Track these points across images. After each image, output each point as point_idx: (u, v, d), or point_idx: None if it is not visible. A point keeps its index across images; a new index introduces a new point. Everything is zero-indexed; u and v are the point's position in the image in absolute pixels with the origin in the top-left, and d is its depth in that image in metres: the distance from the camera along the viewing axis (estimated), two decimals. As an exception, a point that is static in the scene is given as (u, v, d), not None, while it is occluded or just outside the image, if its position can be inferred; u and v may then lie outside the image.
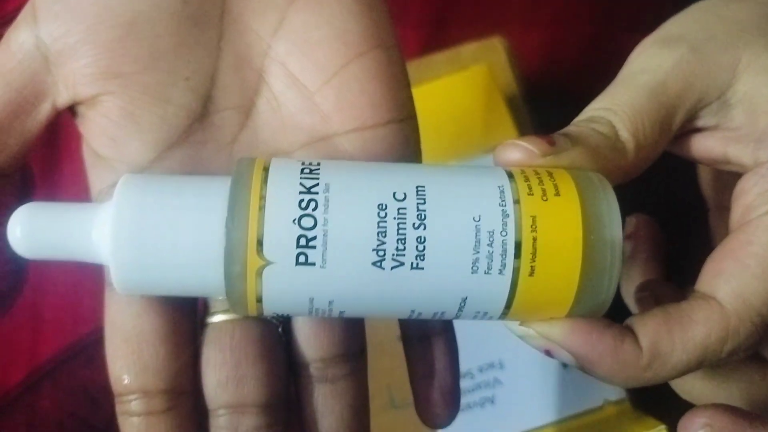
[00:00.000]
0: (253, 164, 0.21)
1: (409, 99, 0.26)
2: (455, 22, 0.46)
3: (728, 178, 0.26)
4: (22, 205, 0.22)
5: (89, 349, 0.41)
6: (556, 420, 0.35)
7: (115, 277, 0.21)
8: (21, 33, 0.23)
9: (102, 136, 0.23)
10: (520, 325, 0.23)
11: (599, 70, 0.45)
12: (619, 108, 0.24)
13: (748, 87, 0.24)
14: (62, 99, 0.23)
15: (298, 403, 0.26)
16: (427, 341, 0.26)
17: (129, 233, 0.21)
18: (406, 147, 0.25)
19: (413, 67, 0.42)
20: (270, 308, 0.21)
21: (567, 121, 0.44)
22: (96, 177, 0.24)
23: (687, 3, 0.26)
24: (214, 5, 0.24)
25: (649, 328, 0.23)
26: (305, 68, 0.24)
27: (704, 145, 0.26)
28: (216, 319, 0.25)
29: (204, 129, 0.24)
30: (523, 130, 0.40)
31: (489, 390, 0.35)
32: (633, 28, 0.45)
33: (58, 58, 0.23)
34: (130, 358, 0.23)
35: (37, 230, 0.21)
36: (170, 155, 0.24)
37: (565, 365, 0.35)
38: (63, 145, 0.41)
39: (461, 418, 0.35)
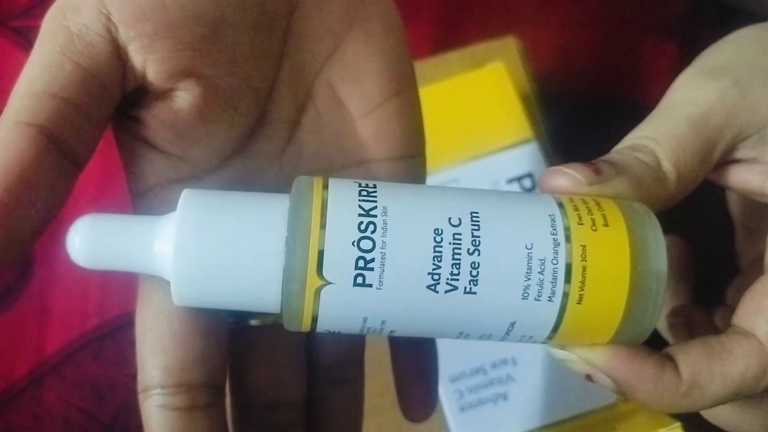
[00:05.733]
0: (312, 184, 0.22)
1: (423, 136, 0.27)
2: (468, 21, 0.46)
3: (762, 208, 0.27)
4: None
5: (95, 343, 0.41)
6: (569, 417, 0.35)
7: (176, 289, 0.21)
8: (84, 14, 0.21)
9: (169, 130, 0.23)
10: (562, 349, 0.23)
11: (611, 72, 0.46)
12: (662, 138, 0.24)
13: None
14: (130, 85, 0.22)
15: (311, 403, 0.26)
16: (416, 347, 0.28)
17: (192, 248, 0.21)
18: (421, 180, 0.27)
19: (427, 65, 0.42)
20: (324, 326, 0.22)
21: (579, 121, 0.44)
22: (150, 170, 0.23)
23: (696, 6, 0.27)
24: (281, 20, 0.24)
25: (690, 358, 0.23)
26: (352, 96, 0.26)
27: (742, 177, 0.26)
28: (258, 322, 0.26)
29: (257, 140, 0.25)
30: (537, 130, 0.40)
31: (502, 386, 0.35)
32: (644, 29, 0.46)
33: (131, 45, 0.22)
34: (173, 352, 0.23)
35: (98, 240, 0.21)
36: (230, 163, 0.24)
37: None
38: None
39: (474, 414, 0.35)
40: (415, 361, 0.28)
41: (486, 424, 0.35)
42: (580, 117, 0.42)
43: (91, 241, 0.21)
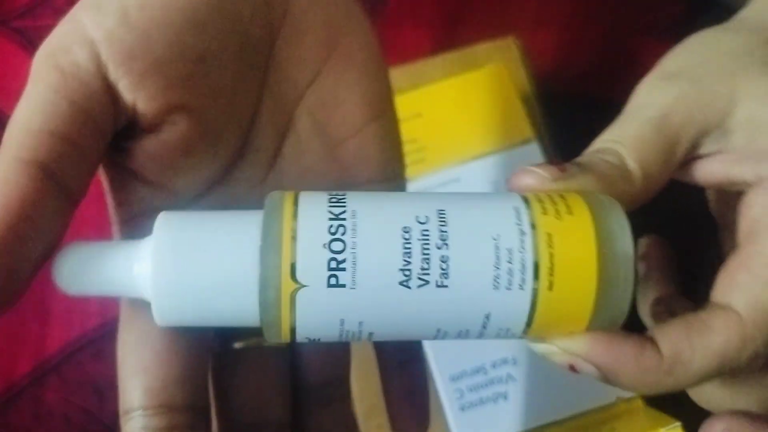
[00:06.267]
0: (283, 196, 0.22)
1: (403, 159, 0.28)
2: (468, 22, 0.46)
3: (733, 199, 0.28)
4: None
5: (96, 343, 0.41)
6: (569, 416, 0.35)
7: (156, 309, 0.22)
8: (75, 55, 0.22)
9: (155, 161, 0.23)
10: (542, 342, 0.24)
11: (611, 72, 0.46)
12: (625, 139, 0.25)
13: (746, 112, 0.26)
14: (120, 121, 0.23)
15: (300, 424, 0.27)
16: (405, 367, 0.29)
17: (168, 267, 0.21)
18: None
19: (428, 65, 0.42)
20: (303, 333, 0.22)
21: (579, 121, 0.44)
22: (134, 198, 0.24)
23: (695, 7, 0.27)
24: (262, 50, 0.25)
25: (669, 335, 0.24)
26: (331, 122, 0.26)
27: (708, 170, 0.27)
28: (241, 345, 0.26)
29: (239, 168, 0.25)
30: (537, 130, 0.40)
31: (502, 385, 0.35)
32: (644, 29, 0.46)
33: (121, 83, 0.22)
34: (154, 373, 0.23)
35: (81, 269, 0.22)
36: (212, 192, 0.25)
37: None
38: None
39: (475, 413, 0.35)
40: (404, 382, 0.29)
41: (486, 423, 0.35)
42: (580, 117, 0.42)
43: (74, 269, 0.22)
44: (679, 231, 0.26)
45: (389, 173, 0.27)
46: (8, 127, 0.21)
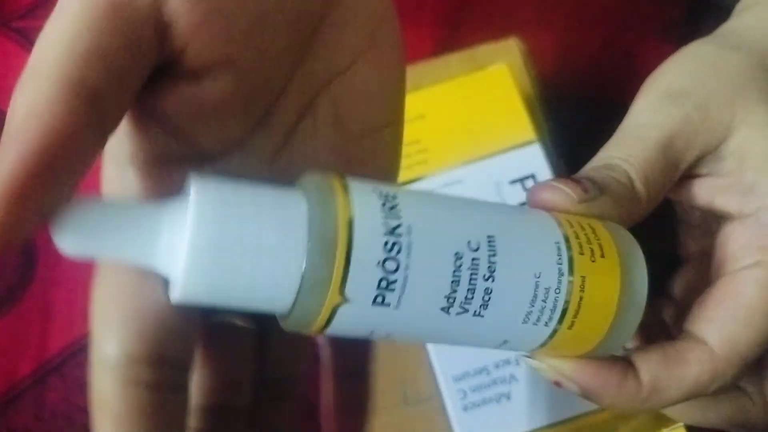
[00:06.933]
0: (332, 188, 0.21)
1: (398, 172, 0.28)
2: (470, 23, 0.46)
3: (705, 224, 0.30)
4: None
5: (98, 344, 0.41)
6: (572, 417, 0.35)
7: (183, 285, 0.19)
8: None
9: (186, 109, 0.22)
10: (534, 358, 0.25)
11: (613, 73, 0.46)
12: (633, 159, 0.26)
13: (739, 141, 0.27)
14: (162, 60, 0.21)
15: (252, 413, 0.26)
16: (357, 379, 0.28)
17: (209, 243, 0.19)
18: None
19: (430, 66, 0.42)
20: (328, 333, 0.21)
21: (581, 122, 0.44)
22: (155, 144, 0.22)
23: (695, 8, 0.27)
24: (312, 24, 0.24)
25: (649, 365, 0.26)
26: (352, 116, 0.26)
27: (694, 192, 0.29)
28: (242, 323, 0.25)
29: (255, 137, 0.24)
30: (540, 131, 0.40)
31: (505, 386, 0.35)
32: (645, 31, 0.46)
33: (176, 24, 0.20)
34: (151, 320, 0.21)
35: (89, 228, 0.19)
36: (227, 156, 0.23)
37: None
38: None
39: (478, 414, 0.35)
40: (355, 393, 0.28)
41: (489, 423, 0.35)
42: (582, 118, 0.43)
43: (81, 227, 0.19)
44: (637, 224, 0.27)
45: (388, 180, 0.27)
46: (45, 40, 0.19)
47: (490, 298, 0.21)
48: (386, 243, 0.20)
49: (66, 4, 0.19)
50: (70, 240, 0.19)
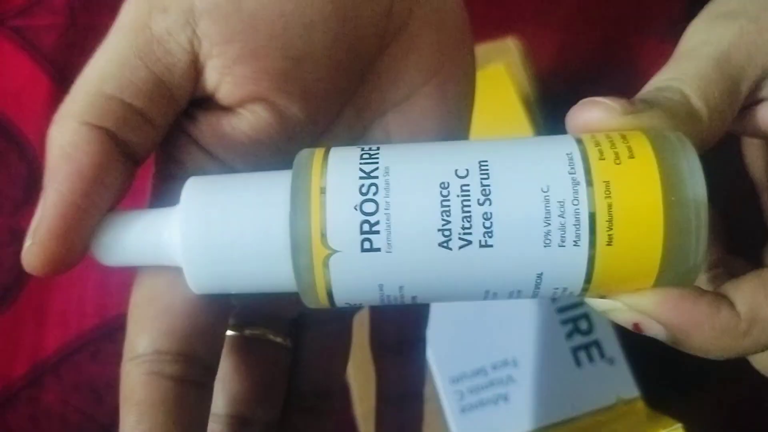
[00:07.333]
0: (312, 154, 0.21)
1: None
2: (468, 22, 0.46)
3: None
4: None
5: (94, 344, 0.41)
6: (569, 417, 0.35)
7: (188, 275, 0.21)
8: (170, 19, 0.21)
9: (222, 140, 0.22)
10: (601, 299, 0.22)
11: (611, 72, 0.46)
12: (687, 77, 0.23)
13: None
14: (197, 95, 0.22)
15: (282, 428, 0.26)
16: (400, 354, 0.28)
17: (197, 232, 0.20)
18: None
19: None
20: (341, 299, 0.21)
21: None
22: (188, 159, 0.23)
23: (695, 7, 0.27)
24: (366, 61, 0.24)
25: (746, 293, 0.21)
26: None
27: (761, 117, 0.25)
28: (251, 332, 0.25)
29: None
30: (538, 130, 0.40)
31: (503, 387, 0.35)
32: (643, 31, 0.46)
33: (210, 63, 0.21)
34: (180, 318, 0.21)
35: (116, 239, 0.21)
36: None
37: (578, 363, 0.36)
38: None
39: (475, 415, 0.35)
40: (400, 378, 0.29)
41: (487, 425, 0.35)
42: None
43: (110, 240, 0.21)
44: (718, 202, 0.24)
45: None
46: (80, 81, 0.21)
47: (492, 224, 0.19)
48: (362, 186, 0.20)
49: (107, 45, 0.21)
50: (102, 253, 0.21)
